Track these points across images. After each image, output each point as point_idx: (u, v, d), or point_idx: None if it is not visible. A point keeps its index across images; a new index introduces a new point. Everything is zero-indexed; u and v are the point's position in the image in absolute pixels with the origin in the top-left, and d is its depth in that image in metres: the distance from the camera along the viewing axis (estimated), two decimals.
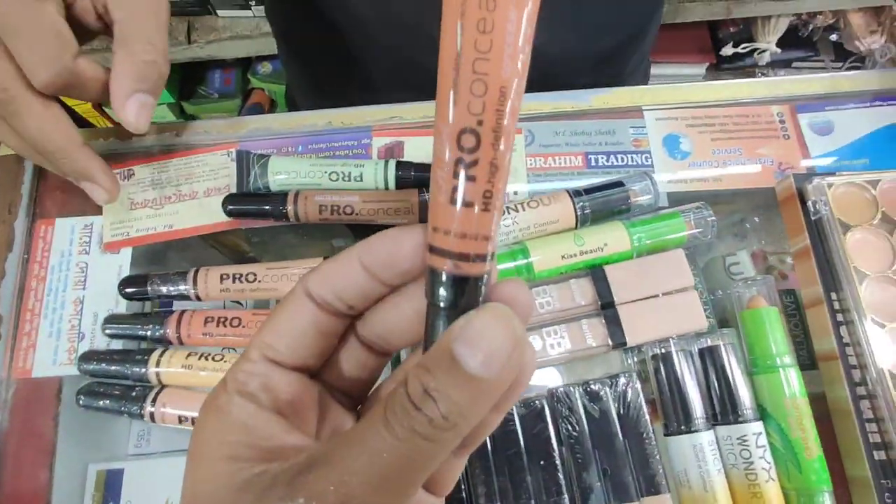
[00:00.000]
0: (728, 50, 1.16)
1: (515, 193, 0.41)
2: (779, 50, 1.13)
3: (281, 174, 0.38)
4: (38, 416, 0.36)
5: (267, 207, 0.37)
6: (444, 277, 0.16)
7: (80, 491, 0.38)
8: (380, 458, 0.15)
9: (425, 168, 0.38)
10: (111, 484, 0.38)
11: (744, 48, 1.15)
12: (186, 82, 1.20)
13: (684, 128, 0.42)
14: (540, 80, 0.37)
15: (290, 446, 0.17)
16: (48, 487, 0.35)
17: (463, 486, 0.32)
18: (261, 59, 1.20)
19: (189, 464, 0.18)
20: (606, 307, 0.35)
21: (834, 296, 0.35)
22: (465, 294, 0.17)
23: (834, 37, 1.19)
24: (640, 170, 0.40)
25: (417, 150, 0.42)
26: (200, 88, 1.22)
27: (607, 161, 0.42)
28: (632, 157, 0.42)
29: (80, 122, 0.56)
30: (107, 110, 1.05)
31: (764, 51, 1.14)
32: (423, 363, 0.15)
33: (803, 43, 1.19)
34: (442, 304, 0.17)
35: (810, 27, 1.17)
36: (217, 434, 0.18)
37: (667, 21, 1.10)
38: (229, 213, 0.38)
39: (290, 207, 0.37)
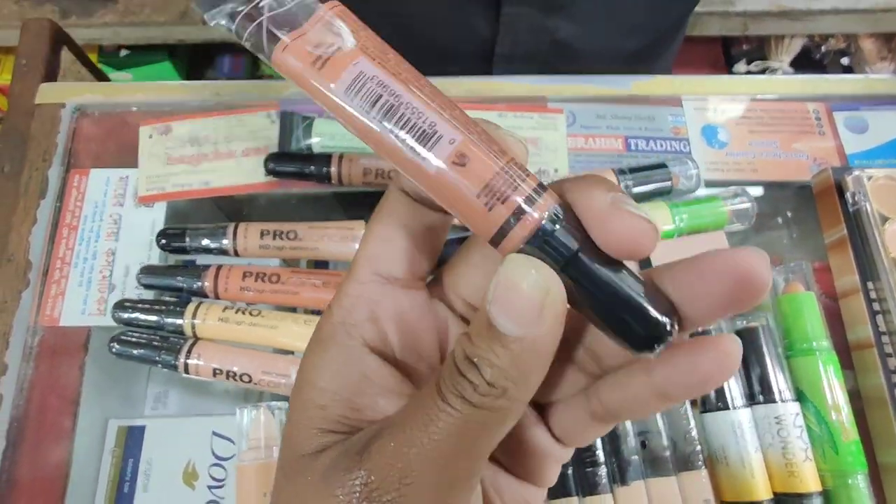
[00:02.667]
0: (740, 67, 1.18)
1: (556, 171, 0.41)
2: (791, 70, 1.15)
3: (325, 136, 0.38)
4: (63, 365, 0.36)
5: (310, 168, 0.37)
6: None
7: (99, 446, 0.37)
8: (435, 430, 0.14)
9: None
10: (132, 441, 0.37)
11: (756, 66, 1.17)
12: (194, 66, 1.20)
13: (722, 118, 0.43)
14: (572, 73, 0.37)
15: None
16: (71, 437, 0.34)
17: None
18: None
19: (290, 401, 0.17)
20: None
21: (871, 285, 0.35)
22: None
23: (845, 61, 1.21)
24: (681, 155, 0.41)
25: None
26: (208, 73, 1.21)
27: (647, 146, 0.42)
28: (671, 144, 0.42)
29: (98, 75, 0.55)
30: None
31: (776, 70, 1.16)
32: (468, 330, 0.15)
33: (814, 65, 1.22)
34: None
35: (822, 49, 1.19)
36: (316, 378, 0.16)
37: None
38: (271, 172, 0.38)
39: (333, 169, 0.37)
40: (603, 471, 0.32)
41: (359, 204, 0.44)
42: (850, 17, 1.10)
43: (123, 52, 1.02)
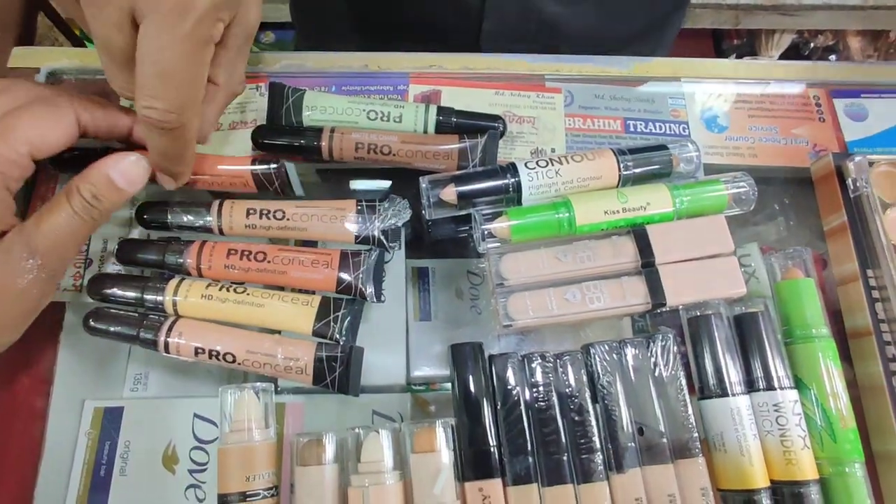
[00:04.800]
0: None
1: (553, 150, 0.40)
2: None
3: (316, 110, 0.36)
4: (37, 341, 0.34)
5: (300, 142, 0.35)
6: None
7: (74, 427, 0.35)
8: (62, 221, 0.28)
9: (467, 115, 0.37)
10: (109, 423, 0.36)
11: (745, 61, 1.17)
12: None
13: (722, 102, 0.42)
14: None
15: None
16: (44, 417, 0.33)
17: (493, 442, 0.31)
18: (264, 26, 1.18)
19: None
20: (647, 266, 0.34)
21: (870, 272, 0.35)
22: None
23: (833, 58, 1.22)
24: (682, 137, 0.40)
25: (455, 100, 0.40)
26: None
27: (645, 128, 0.41)
28: (670, 127, 0.41)
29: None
30: None
31: None
32: (86, 177, 0.29)
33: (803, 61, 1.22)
34: None
35: (811, 46, 1.20)
36: None
37: None
38: (260, 147, 0.36)
39: (324, 143, 0.35)
40: (599, 458, 0.31)
41: (345, 184, 0.43)
42: (840, 13, 1.11)
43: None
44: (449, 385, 0.41)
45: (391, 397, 0.37)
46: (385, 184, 0.43)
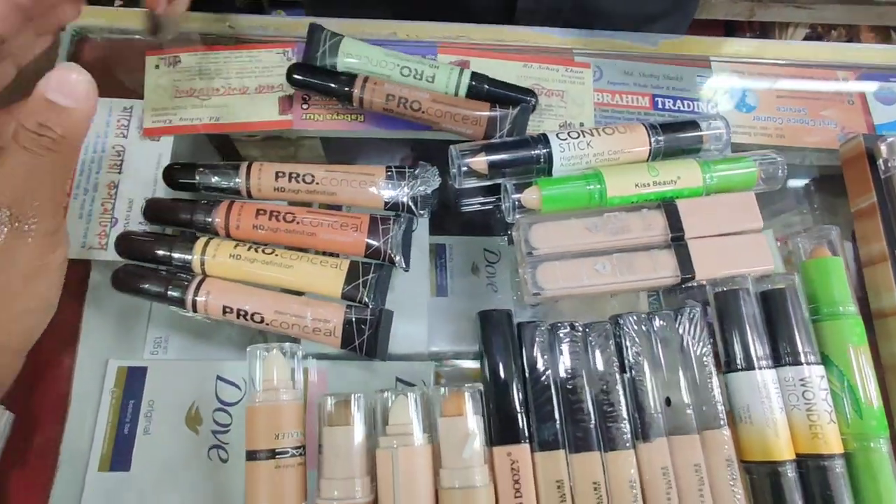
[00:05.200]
0: None
1: (582, 125, 0.40)
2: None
3: (352, 57, 0.36)
4: (62, 299, 0.33)
5: (333, 85, 0.35)
6: None
7: (98, 386, 0.35)
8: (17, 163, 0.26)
9: (501, 85, 0.37)
10: (132, 382, 0.35)
11: None
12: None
13: (751, 82, 0.42)
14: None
15: None
16: (70, 375, 0.32)
17: (521, 410, 0.31)
18: (275, 4, 1.17)
19: None
20: (676, 240, 0.34)
21: None
22: None
23: None
24: (712, 115, 0.40)
25: (483, 71, 0.40)
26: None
27: (673, 105, 0.41)
28: (698, 105, 0.41)
29: None
30: None
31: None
32: (27, 108, 0.25)
33: None
34: None
35: (824, 40, 1.20)
36: None
37: None
38: (293, 82, 0.36)
39: (356, 90, 0.35)
40: (626, 427, 0.31)
41: (370, 150, 0.43)
42: (855, 8, 1.10)
43: None
44: (459, 361, 0.41)
45: (414, 365, 0.37)
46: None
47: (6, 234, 0.26)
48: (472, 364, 0.43)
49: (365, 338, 0.31)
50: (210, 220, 0.33)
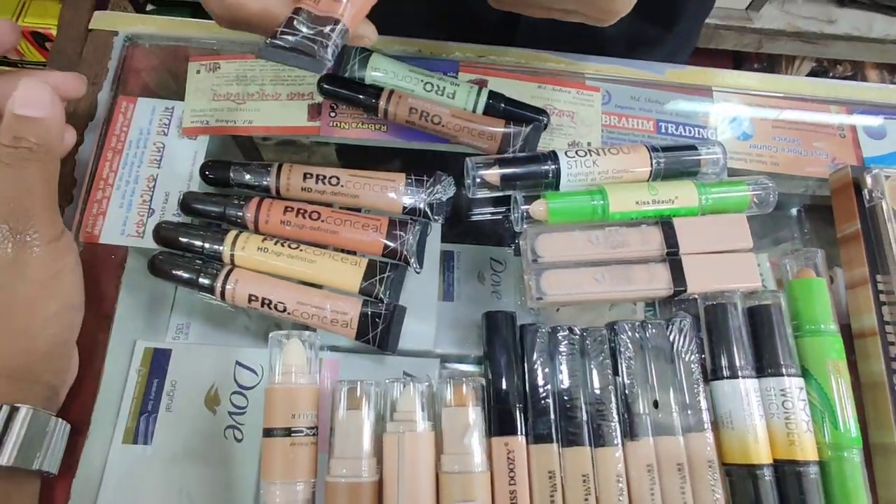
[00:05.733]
0: None
1: (589, 144, 0.42)
2: None
3: (379, 71, 0.39)
4: (101, 280, 0.36)
5: (361, 96, 0.38)
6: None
7: (126, 364, 0.38)
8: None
9: (516, 104, 0.40)
10: (157, 363, 0.38)
11: None
12: None
13: (749, 112, 0.45)
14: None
15: None
16: (104, 351, 0.35)
17: (519, 405, 0.33)
18: None
19: None
20: (671, 255, 0.36)
21: (879, 278, 0.37)
22: None
23: None
24: (710, 140, 0.42)
25: (500, 90, 0.43)
26: None
27: (676, 130, 0.44)
28: (699, 131, 0.44)
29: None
30: None
31: None
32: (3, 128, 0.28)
33: None
34: None
35: (830, 75, 1.23)
36: None
37: (699, 44, 1.14)
38: (323, 92, 0.39)
39: (382, 102, 0.38)
40: (615, 425, 0.33)
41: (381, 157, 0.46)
42: (860, 45, 1.13)
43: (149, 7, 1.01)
44: (462, 365, 0.44)
45: (420, 361, 0.39)
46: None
47: (11, 248, 0.28)
48: (473, 367, 0.45)
49: (379, 331, 0.34)
50: (241, 214, 0.36)
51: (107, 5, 0.46)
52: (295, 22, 0.25)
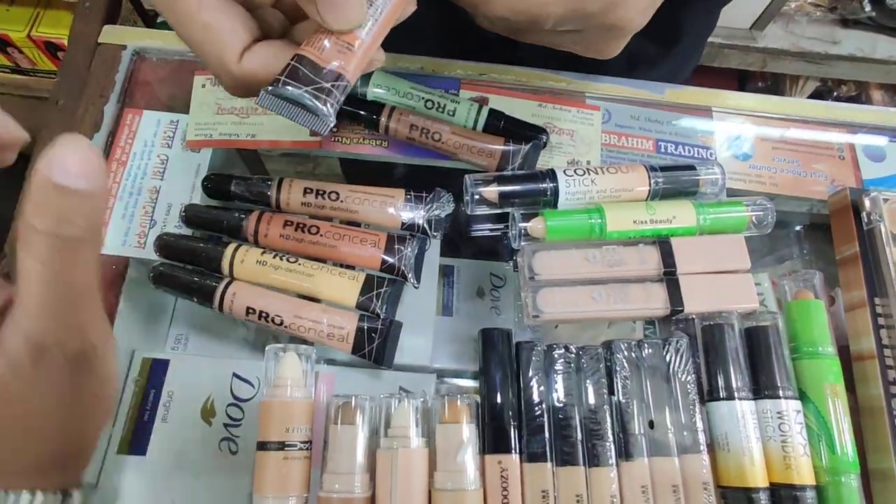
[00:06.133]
0: None
1: (588, 162, 0.43)
2: None
3: (381, 88, 0.39)
4: (101, 290, 0.37)
5: (362, 112, 0.38)
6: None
7: (123, 374, 0.38)
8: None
9: (515, 122, 0.40)
10: (155, 373, 0.38)
11: None
12: None
13: (749, 133, 0.45)
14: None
15: None
16: None
17: (514, 422, 0.33)
18: None
19: None
20: (668, 274, 0.36)
21: (877, 301, 0.37)
22: None
23: None
24: (709, 161, 0.43)
25: (501, 108, 0.43)
26: None
27: (675, 150, 0.44)
28: (698, 151, 0.44)
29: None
30: None
31: None
32: (31, 203, 0.18)
33: None
34: None
35: (834, 94, 1.23)
36: None
37: (704, 63, 1.15)
38: None
39: (383, 119, 0.38)
40: (609, 445, 0.33)
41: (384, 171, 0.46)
42: (864, 65, 1.14)
43: (160, 20, 1.03)
44: (458, 379, 0.44)
45: (417, 376, 0.40)
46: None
47: (68, 370, 0.21)
48: (471, 383, 0.45)
49: (375, 346, 0.34)
50: (241, 227, 0.36)
51: (117, 17, 0.47)
52: (298, 71, 0.23)
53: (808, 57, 1.11)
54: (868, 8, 1.05)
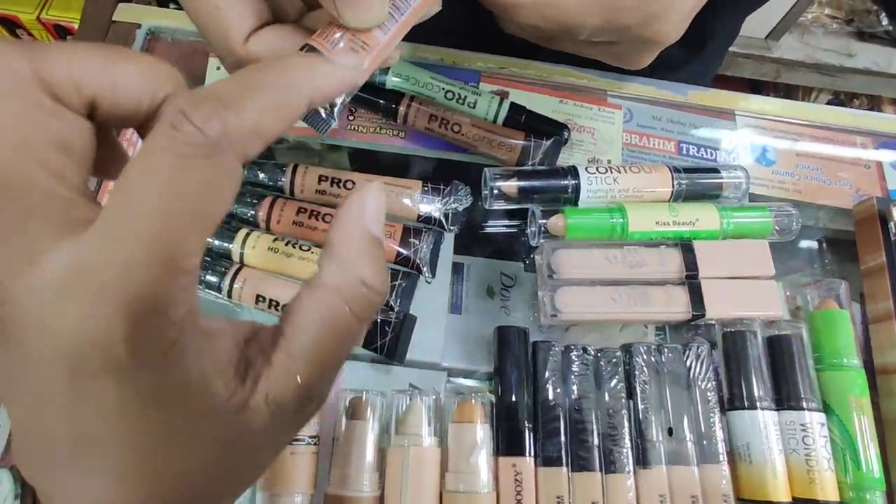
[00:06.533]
0: None
1: (609, 161, 0.42)
2: None
3: (400, 77, 0.38)
4: None
5: (381, 101, 0.37)
6: None
7: None
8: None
9: (537, 117, 0.39)
10: None
11: None
12: None
13: (772, 138, 0.44)
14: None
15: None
16: None
17: (529, 425, 0.32)
18: None
19: None
20: (691, 278, 0.35)
21: None
22: None
23: None
24: (734, 164, 0.42)
25: (521, 102, 0.42)
26: None
27: (697, 153, 0.43)
28: (720, 155, 0.43)
29: None
30: None
31: None
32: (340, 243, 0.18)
33: None
34: None
35: (846, 108, 1.22)
36: None
37: (718, 71, 1.14)
38: None
39: (402, 108, 0.37)
40: (627, 451, 0.32)
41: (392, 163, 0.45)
42: (879, 80, 1.13)
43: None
44: (467, 380, 0.43)
45: (427, 373, 0.38)
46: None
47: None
48: (478, 383, 0.44)
49: (387, 340, 0.33)
50: (253, 213, 0.35)
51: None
52: None
53: (823, 69, 1.11)
54: (885, 22, 1.04)
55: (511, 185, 0.36)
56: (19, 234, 0.14)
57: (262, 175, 0.36)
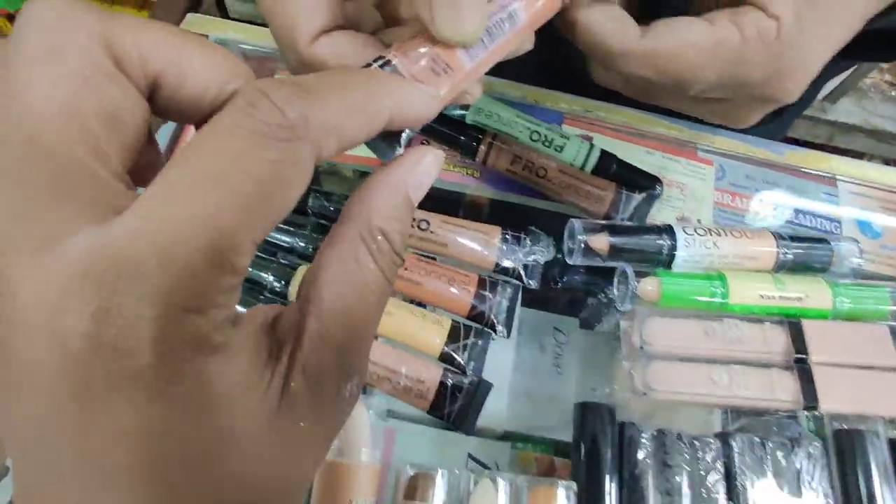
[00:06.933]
0: None
1: (699, 221, 0.38)
2: None
3: (482, 113, 0.35)
4: None
5: (461, 137, 0.34)
6: None
7: None
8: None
9: (629, 168, 0.36)
10: None
11: None
12: None
13: (878, 208, 0.40)
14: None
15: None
16: None
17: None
18: None
19: None
20: (800, 362, 0.31)
21: None
22: None
23: None
24: (847, 237, 0.38)
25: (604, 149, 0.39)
26: None
27: (794, 218, 0.39)
28: (820, 221, 0.39)
29: None
30: None
31: None
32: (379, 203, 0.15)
33: None
34: None
35: None
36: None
37: None
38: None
39: (483, 147, 0.34)
40: None
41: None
42: None
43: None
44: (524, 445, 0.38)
45: (487, 443, 0.34)
46: None
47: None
48: (533, 450, 0.39)
49: (457, 406, 0.29)
50: (315, 248, 0.32)
51: (198, 8, 0.44)
52: None
53: (878, 135, 1.07)
54: None
55: (602, 241, 0.33)
56: (36, 212, 0.11)
57: (329, 205, 0.33)
